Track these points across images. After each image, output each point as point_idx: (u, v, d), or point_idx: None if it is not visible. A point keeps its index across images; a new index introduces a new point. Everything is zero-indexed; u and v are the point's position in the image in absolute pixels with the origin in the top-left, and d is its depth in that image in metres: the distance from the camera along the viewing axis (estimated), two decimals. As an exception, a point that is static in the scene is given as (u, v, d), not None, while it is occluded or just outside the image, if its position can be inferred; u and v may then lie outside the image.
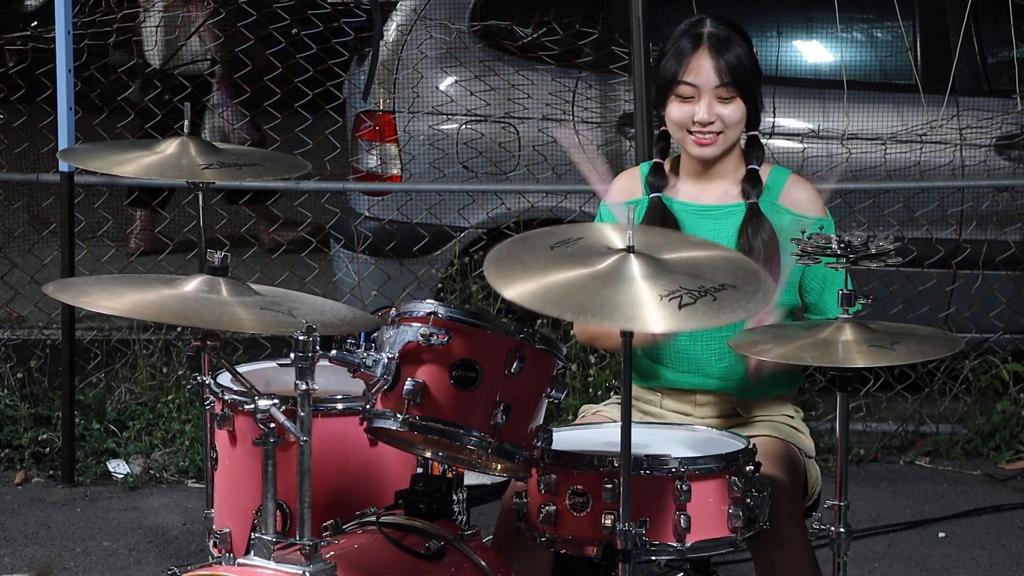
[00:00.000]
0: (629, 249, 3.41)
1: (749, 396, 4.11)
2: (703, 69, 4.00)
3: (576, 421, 4.19)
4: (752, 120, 4.09)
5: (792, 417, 4.16)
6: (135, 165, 4.25)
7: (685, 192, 4.13)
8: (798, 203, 4.10)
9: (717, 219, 4.09)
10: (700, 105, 4.01)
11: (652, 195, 4.11)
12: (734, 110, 4.01)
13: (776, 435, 4.05)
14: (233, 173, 4.29)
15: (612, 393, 4.35)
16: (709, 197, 4.12)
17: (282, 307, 3.44)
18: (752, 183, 4.07)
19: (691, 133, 4.03)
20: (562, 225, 3.59)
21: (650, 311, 3.23)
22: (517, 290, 3.28)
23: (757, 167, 4.08)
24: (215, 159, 4.25)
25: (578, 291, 3.27)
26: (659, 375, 4.13)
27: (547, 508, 3.62)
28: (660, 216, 4.08)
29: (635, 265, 3.34)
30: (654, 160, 4.17)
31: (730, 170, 4.11)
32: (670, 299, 3.26)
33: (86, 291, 3.47)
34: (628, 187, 4.20)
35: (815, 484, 4.09)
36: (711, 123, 4.01)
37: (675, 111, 4.05)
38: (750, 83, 4.02)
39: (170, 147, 4.32)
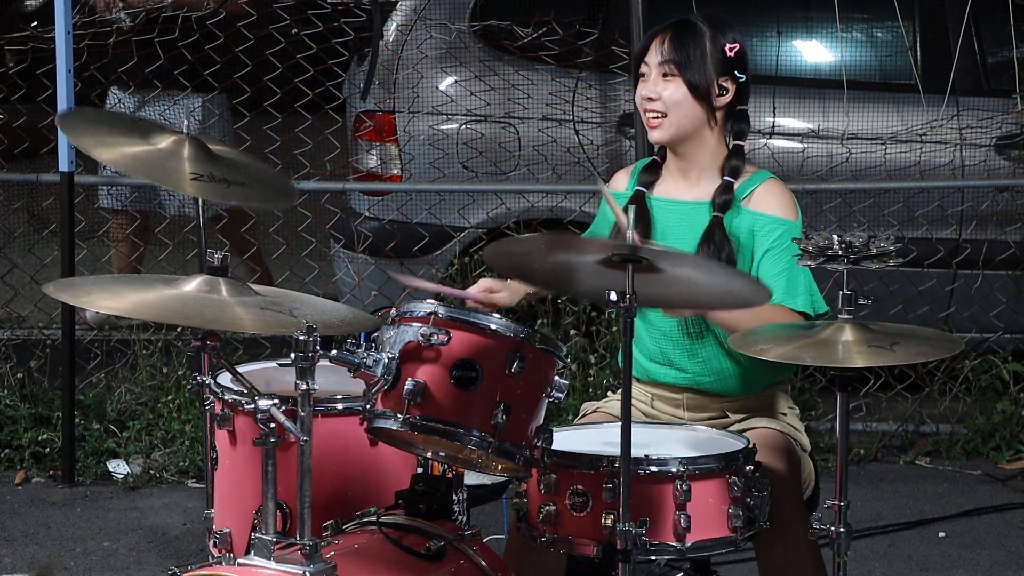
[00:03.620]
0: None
1: (733, 393, 4.11)
2: (654, 47, 4.09)
3: (577, 420, 4.20)
4: (740, 131, 4.11)
5: (786, 414, 4.16)
6: (119, 153, 3.87)
7: (663, 189, 4.18)
8: (758, 202, 4.09)
9: (684, 214, 4.11)
10: (648, 82, 4.08)
11: (637, 188, 4.15)
12: (674, 90, 4.05)
13: (775, 427, 4.06)
14: (220, 191, 3.91)
15: (609, 392, 4.36)
16: (683, 195, 4.13)
17: (282, 307, 3.44)
18: (721, 193, 4.07)
19: (645, 113, 4.10)
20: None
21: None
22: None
23: (733, 180, 4.09)
24: (206, 171, 3.89)
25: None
26: (646, 369, 4.16)
27: (547, 508, 3.62)
28: (638, 210, 4.10)
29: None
30: (652, 157, 4.20)
31: (704, 169, 4.13)
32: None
33: (86, 291, 3.47)
34: (620, 183, 4.28)
35: (807, 478, 4.10)
36: (653, 100, 4.06)
37: (637, 91, 4.14)
38: (694, 66, 4.03)
39: (164, 142, 4.03)
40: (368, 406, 3.54)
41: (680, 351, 4.11)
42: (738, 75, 4.09)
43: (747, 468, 3.66)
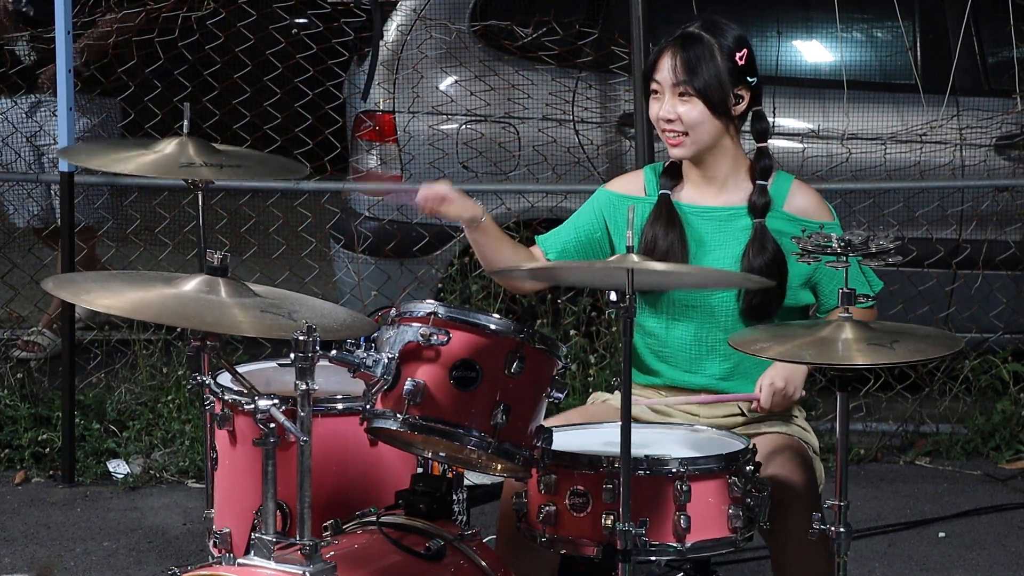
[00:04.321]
0: (629, 249, 3.45)
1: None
2: (665, 67, 4.06)
3: (585, 405, 4.23)
4: (760, 130, 4.11)
5: (796, 416, 4.17)
6: (134, 164, 4.24)
7: (689, 195, 4.15)
8: (803, 210, 4.11)
9: (721, 221, 4.09)
10: (663, 102, 4.04)
11: (661, 191, 4.13)
12: (690, 110, 4.03)
13: (786, 431, 4.06)
14: (213, 173, 4.29)
15: (617, 392, 4.35)
16: (711, 200, 4.13)
17: (282, 310, 3.44)
18: (759, 197, 4.07)
19: (664, 132, 4.07)
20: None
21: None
22: (532, 285, 3.57)
23: (766, 183, 4.09)
24: (201, 160, 4.25)
25: (590, 268, 3.56)
26: (661, 372, 4.14)
27: (547, 508, 3.62)
28: (667, 213, 4.09)
29: (637, 260, 3.44)
30: (669, 160, 4.17)
31: (728, 175, 4.12)
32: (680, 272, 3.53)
33: (86, 288, 3.47)
34: (632, 185, 4.23)
35: (820, 480, 4.10)
36: (672, 120, 4.04)
37: (651, 108, 4.12)
38: (710, 85, 4.01)
39: (169, 147, 4.31)
40: (368, 406, 3.54)
41: (713, 357, 4.10)
42: (750, 80, 4.08)
43: (747, 468, 3.65)
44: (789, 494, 3.85)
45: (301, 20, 7.01)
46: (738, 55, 4.05)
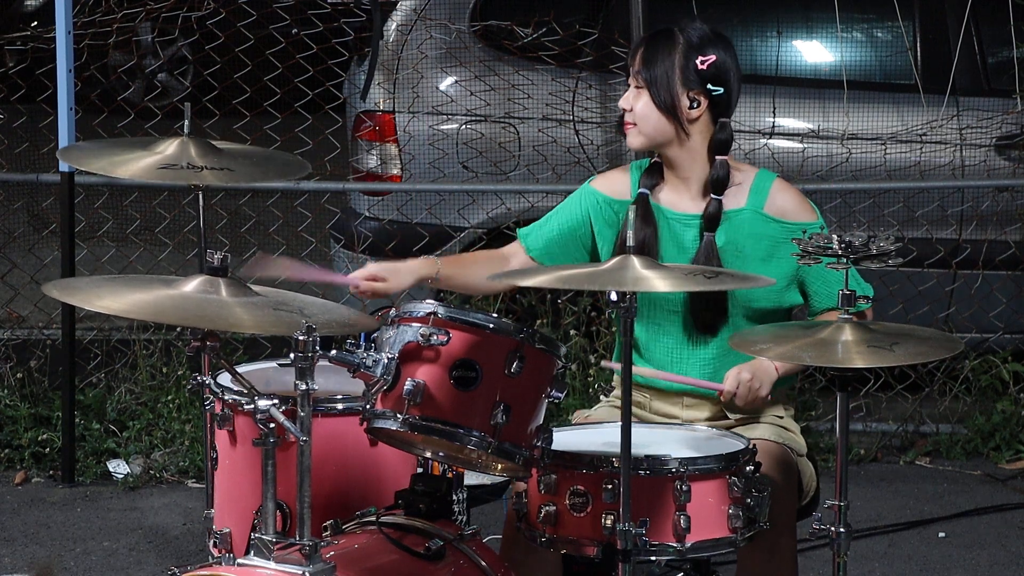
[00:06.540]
0: (629, 249, 3.45)
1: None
2: (634, 58, 4.09)
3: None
4: (719, 142, 4.06)
5: (782, 417, 4.15)
6: (134, 167, 4.21)
7: (667, 198, 4.13)
8: (783, 210, 4.07)
9: (701, 230, 4.07)
10: (629, 91, 4.09)
11: (640, 191, 4.11)
12: (643, 103, 4.04)
13: (770, 437, 4.04)
14: (226, 176, 4.26)
15: (601, 396, 4.35)
16: (687, 205, 4.11)
17: (292, 307, 3.44)
18: (711, 211, 4.06)
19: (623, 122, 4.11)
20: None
21: (684, 280, 3.44)
22: (533, 280, 3.66)
23: (719, 197, 4.06)
24: (210, 163, 4.22)
25: (593, 274, 3.52)
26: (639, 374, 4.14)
27: (547, 508, 3.62)
28: (643, 211, 4.06)
29: (637, 262, 3.44)
30: (653, 159, 4.17)
31: (702, 179, 4.10)
32: (694, 275, 3.48)
33: (87, 291, 3.46)
34: (618, 186, 4.20)
35: (809, 482, 4.09)
36: (627, 110, 4.07)
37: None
38: (657, 78, 4.01)
39: (169, 148, 4.26)
40: (368, 406, 3.55)
41: (693, 362, 4.09)
42: (712, 88, 4.03)
43: (747, 468, 3.66)
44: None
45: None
46: (701, 58, 4.01)
